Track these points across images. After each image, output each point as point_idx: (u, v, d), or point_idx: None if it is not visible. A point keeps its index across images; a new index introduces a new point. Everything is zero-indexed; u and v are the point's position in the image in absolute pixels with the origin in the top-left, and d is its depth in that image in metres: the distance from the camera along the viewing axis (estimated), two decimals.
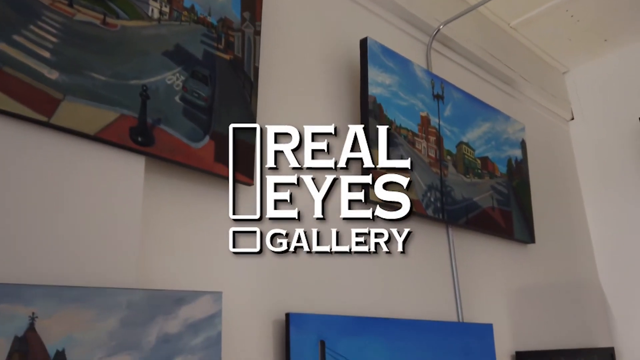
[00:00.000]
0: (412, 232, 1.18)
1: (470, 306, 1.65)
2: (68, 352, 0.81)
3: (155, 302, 0.93)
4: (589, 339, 2.13)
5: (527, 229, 1.97)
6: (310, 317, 1.19)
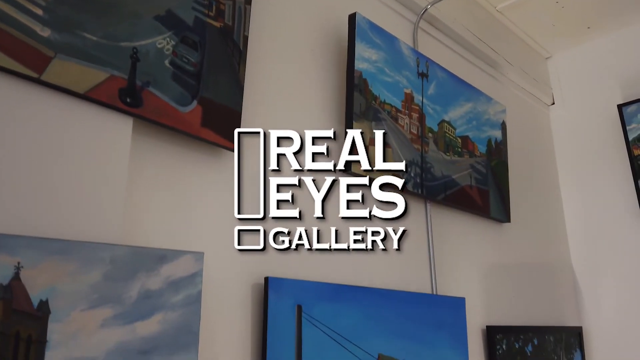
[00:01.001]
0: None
1: (445, 280, 1.70)
2: (51, 302, 0.83)
3: (137, 259, 0.95)
4: (558, 317, 2.22)
5: (503, 208, 2.03)
6: (289, 282, 1.23)
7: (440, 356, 1.54)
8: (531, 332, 1.94)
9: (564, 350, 2.10)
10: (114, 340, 0.89)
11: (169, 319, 0.97)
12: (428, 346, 1.50)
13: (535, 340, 1.94)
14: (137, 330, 0.92)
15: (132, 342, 0.91)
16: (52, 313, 0.83)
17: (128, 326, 0.91)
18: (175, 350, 0.96)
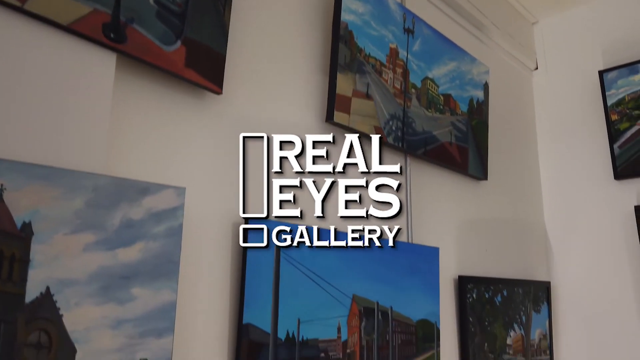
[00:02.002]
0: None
1: (420, 230, 1.76)
2: (34, 225, 0.86)
3: (120, 189, 0.98)
4: (528, 272, 2.31)
5: (481, 166, 2.08)
6: (269, 223, 1.27)
7: (413, 301, 1.61)
8: (501, 284, 2.02)
9: (532, 302, 2.20)
10: (95, 264, 0.92)
11: (150, 248, 1.00)
12: (401, 291, 1.57)
13: (504, 292, 2.03)
14: (118, 256, 0.96)
15: (113, 267, 0.94)
16: (35, 235, 0.86)
17: (110, 252, 0.94)
18: (156, 278, 1.00)
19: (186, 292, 1.09)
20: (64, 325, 0.87)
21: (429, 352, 1.64)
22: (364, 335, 1.45)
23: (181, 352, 1.06)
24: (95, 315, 0.91)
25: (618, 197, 2.32)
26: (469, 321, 1.83)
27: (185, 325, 1.09)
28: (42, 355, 0.84)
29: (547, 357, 2.26)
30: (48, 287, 0.86)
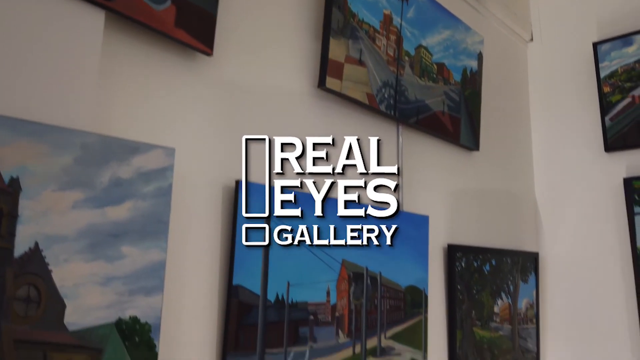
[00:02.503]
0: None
1: (411, 198, 1.77)
2: (22, 180, 0.86)
3: (109, 148, 0.97)
4: (517, 242, 2.33)
5: (473, 136, 2.08)
6: (259, 187, 1.27)
7: (402, 268, 1.63)
8: (490, 254, 2.05)
9: (520, 272, 2.24)
10: (84, 222, 0.92)
11: (139, 207, 1.00)
12: (391, 257, 1.58)
13: (493, 261, 2.06)
14: (107, 214, 0.96)
15: (102, 225, 0.95)
16: (23, 190, 0.85)
17: (99, 210, 0.94)
18: (145, 237, 1.00)
19: (176, 253, 1.09)
20: (53, 281, 0.88)
21: (417, 318, 1.67)
22: (353, 300, 1.47)
23: (171, 311, 1.07)
24: (84, 272, 0.92)
25: (608, 169, 2.33)
26: (457, 289, 1.86)
27: (175, 285, 1.10)
28: (31, 309, 0.85)
29: (533, 326, 2.31)
30: (37, 242, 0.86)
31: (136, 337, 0.98)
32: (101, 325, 0.93)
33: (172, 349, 1.08)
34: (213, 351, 1.17)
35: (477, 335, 1.95)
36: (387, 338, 1.56)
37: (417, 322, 1.67)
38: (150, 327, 1.00)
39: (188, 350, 1.12)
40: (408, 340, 1.63)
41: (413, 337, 1.65)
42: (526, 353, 2.24)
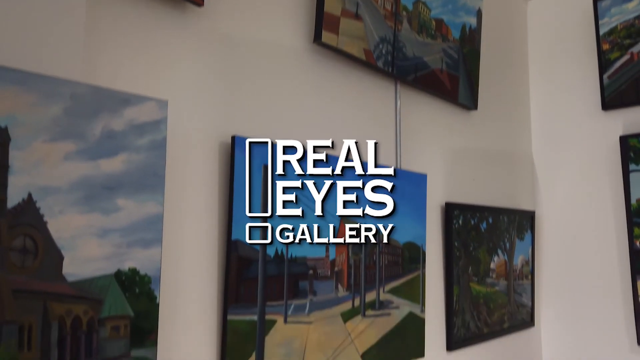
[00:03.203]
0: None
1: (409, 157, 1.76)
2: (11, 130, 0.83)
3: (99, 99, 0.95)
4: (514, 201, 2.34)
5: (471, 95, 2.06)
6: (257, 143, 1.25)
7: (400, 225, 1.63)
8: (487, 212, 2.06)
9: (516, 230, 2.25)
10: (77, 174, 0.91)
11: (133, 160, 0.99)
12: None
13: (490, 219, 2.07)
14: (101, 167, 0.94)
15: (96, 177, 0.93)
16: (12, 140, 0.83)
17: (92, 162, 0.93)
18: (141, 190, 0.99)
19: (173, 207, 1.09)
20: (49, 232, 0.87)
21: (415, 273, 1.69)
22: (352, 255, 1.48)
23: (171, 264, 1.07)
24: (80, 224, 0.91)
25: (605, 127, 2.32)
26: (454, 246, 1.87)
27: (174, 239, 1.09)
28: (28, 259, 0.84)
29: (528, 282, 2.34)
30: (30, 193, 0.85)
31: (136, 288, 0.98)
32: (100, 277, 0.93)
33: (173, 301, 1.09)
34: (214, 303, 1.17)
35: (473, 291, 1.98)
36: (386, 292, 1.57)
37: (414, 277, 1.68)
38: (150, 279, 1.00)
39: (189, 302, 1.13)
40: (406, 294, 1.65)
41: (411, 292, 1.67)
42: (521, 307, 2.28)
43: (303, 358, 1.33)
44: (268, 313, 1.26)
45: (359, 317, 1.50)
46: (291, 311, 1.32)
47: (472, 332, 1.97)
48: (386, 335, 1.58)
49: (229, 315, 1.17)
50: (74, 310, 0.91)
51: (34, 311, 0.86)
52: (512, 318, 2.21)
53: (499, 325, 2.13)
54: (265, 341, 1.24)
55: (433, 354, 1.79)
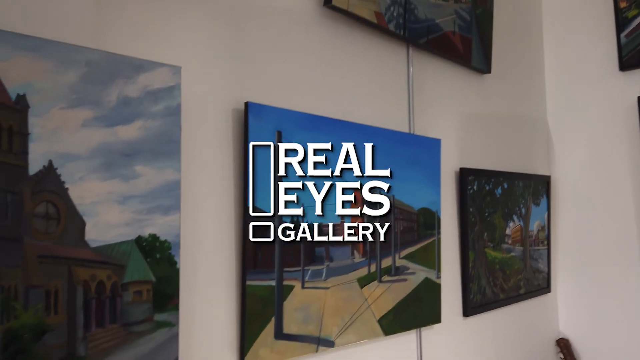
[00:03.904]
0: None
1: (422, 122, 1.74)
2: (29, 98, 0.84)
3: (114, 65, 0.95)
4: (529, 166, 2.32)
5: (484, 58, 2.02)
6: (269, 109, 1.25)
7: (414, 191, 1.63)
8: (502, 177, 2.04)
9: (532, 195, 2.24)
10: (96, 140, 0.91)
11: (149, 126, 0.99)
12: (403, 181, 1.58)
13: (505, 185, 2.06)
14: (118, 133, 0.95)
15: (114, 144, 0.94)
16: (31, 108, 0.84)
17: (109, 129, 0.93)
18: (158, 156, 1.00)
19: (190, 173, 1.09)
20: (70, 198, 0.88)
21: (430, 239, 1.69)
22: (367, 222, 1.48)
23: (189, 230, 1.09)
24: (101, 190, 0.92)
25: (622, 88, 2.27)
26: (469, 211, 1.87)
27: (192, 205, 1.10)
28: (51, 225, 0.86)
29: (544, 248, 2.33)
30: (50, 160, 0.86)
31: (157, 254, 0.99)
32: (122, 243, 0.94)
33: (193, 266, 1.10)
34: (233, 269, 1.19)
35: (489, 256, 1.98)
36: (401, 258, 1.58)
37: (430, 243, 1.69)
38: (170, 245, 1.01)
39: (208, 267, 1.14)
40: (422, 260, 1.65)
41: (426, 257, 1.67)
42: (537, 273, 2.28)
43: (321, 322, 1.35)
44: (286, 279, 1.27)
45: (375, 283, 1.51)
46: (308, 277, 1.33)
47: (488, 297, 1.98)
48: (402, 301, 1.59)
49: (247, 281, 1.19)
50: (98, 276, 0.92)
51: (59, 276, 0.87)
52: (528, 284, 2.22)
53: (515, 291, 2.14)
54: (284, 306, 1.26)
55: (449, 320, 1.80)
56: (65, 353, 0.88)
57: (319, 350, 1.33)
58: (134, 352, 0.96)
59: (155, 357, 1.00)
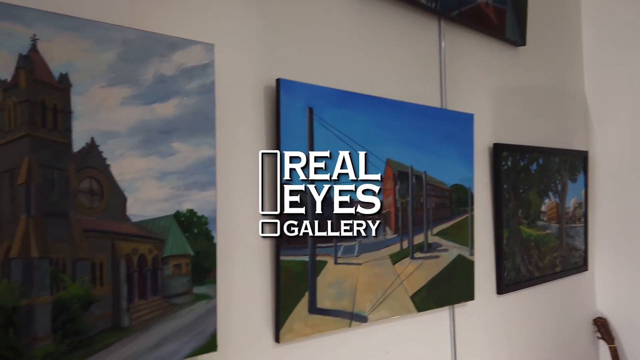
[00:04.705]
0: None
1: (454, 96, 1.72)
2: (71, 76, 0.87)
3: (149, 43, 0.96)
4: (566, 141, 2.26)
5: (519, 30, 1.97)
6: (300, 85, 1.25)
7: (447, 167, 1.61)
8: (537, 153, 2.00)
9: (568, 171, 2.18)
10: (134, 118, 0.94)
11: (185, 104, 1.01)
12: (435, 157, 1.57)
13: (540, 160, 2.01)
14: (155, 111, 0.97)
15: (152, 122, 0.96)
16: (73, 86, 0.87)
17: (147, 106, 0.96)
18: (194, 133, 1.02)
19: (224, 149, 1.11)
20: (112, 174, 0.91)
21: (463, 216, 1.68)
22: (399, 198, 1.48)
23: (224, 206, 1.11)
24: (140, 167, 0.94)
25: None
26: (503, 188, 1.84)
27: (226, 181, 1.12)
28: (95, 200, 0.89)
29: (581, 225, 2.28)
30: (93, 137, 0.89)
31: (194, 228, 1.02)
32: (161, 218, 0.97)
33: (229, 241, 1.13)
34: (267, 244, 1.21)
35: (523, 233, 1.95)
36: (434, 235, 1.58)
37: (463, 220, 1.67)
38: (207, 220, 1.04)
39: (244, 241, 1.17)
40: (454, 236, 1.64)
41: (459, 234, 1.66)
42: (574, 251, 2.23)
43: (354, 298, 1.36)
44: (319, 254, 1.29)
45: (408, 260, 1.51)
46: (341, 253, 1.34)
47: (523, 275, 1.95)
48: (435, 278, 1.59)
49: (281, 256, 1.21)
50: (139, 249, 0.96)
51: (103, 250, 0.91)
52: (564, 262, 2.18)
53: (551, 269, 2.10)
54: (317, 281, 1.28)
55: (483, 297, 1.79)
56: (110, 323, 0.92)
57: (352, 325, 1.35)
58: (174, 324, 1.00)
59: (194, 328, 1.03)
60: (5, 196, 0.81)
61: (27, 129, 0.83)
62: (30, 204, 0.83)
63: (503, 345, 1.89)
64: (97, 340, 0.90)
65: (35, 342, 0.84)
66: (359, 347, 1.40)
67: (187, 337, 1.02)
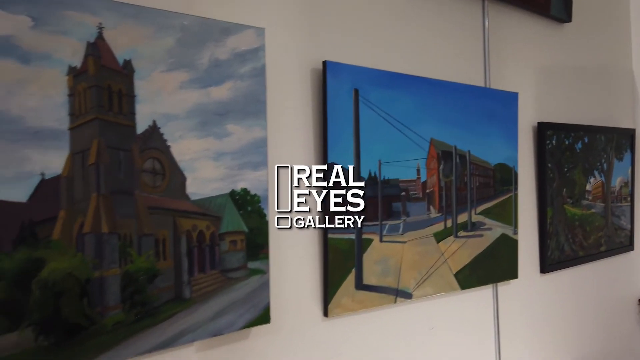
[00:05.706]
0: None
1: (498, 75, 1.70)
2: (134, 62, 0.91)
3: (204, 29, 1.00)
4: (612, 119, 2.20)
5: (564, 6, 1.92)
6: (346, 67, 1.27)
7: (491, 146, 1.61)
8: (582, 131, 1.96)
9: (614, 150, 2.13)
10: (192, 101, 0.98)
11: (238, 87, 1.05)
12: (479, 136, 1.57)
13: (585, 139, 1.97)
14: (211, 94, 1.01)
15: (208, 105, 1.00)
16: (136, 71, 0.91)
17: (203, 90, 1.00)
18: (246, 115, 1.06)
19: (274, 131, 1.15)
20: (172, 155, 0.96)
21: (507, 195, 1.67)
22: (443, 177, 1.49)
23: (274, 186, 1.15)
24: (198, 148, 0.99)
25: None
26: (548, 167, 1.82)
27: (276, 162, 1.16)
28: (158, 179, 0.95)
29: (627, 204, 2.23)
30: (154, 120, 0.94)
31: (248, 206, 1.06)
32: (218, 196, 1.02)
33: (279, 219, 1.17)
34: (315, 222, 1.25)
35: (568, 213, 1.93)
36: (478, 214, 1.58)
37: (507, 199, 1.67)
38: (260, 198, 1.08)
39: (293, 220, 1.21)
40: (498, 215, 1.64)
41: (503, 213, 1.66)
42: (619, 231, 2.19)
43: (399, 275, 1.39)
44: (364, 232, 1.32)
45: (452, 238, 1.52)
46: (386, 231, 1.37)
47: (567, 254, 1.94)
48: (479, 256, 1.60)
49: (329, 234, 1.25)
50: (199, 226, 1.01)
51: (165, 226, 0.97)
52: (609, 241, 2.14)
53: (596, 248, 2.08)
54: (363, 258, 1.31)
55: (526, 276, 1.79)
56: (173, 295, 0.98)
57: (397, 301, 1.38)
58: (231, 297, 1.05)
59: (249, 301, 1.08)
60: (78, 176, 0.87)
61: (96, 113, 0.88)
62: (100, 183, 0.89)
63: (546, 323, 1.89)
64: (162, 311, 0.96)
65: (106, 311, 0.90)
66: (404, 323, 1.44)
67: (243, 309, 1.07)
